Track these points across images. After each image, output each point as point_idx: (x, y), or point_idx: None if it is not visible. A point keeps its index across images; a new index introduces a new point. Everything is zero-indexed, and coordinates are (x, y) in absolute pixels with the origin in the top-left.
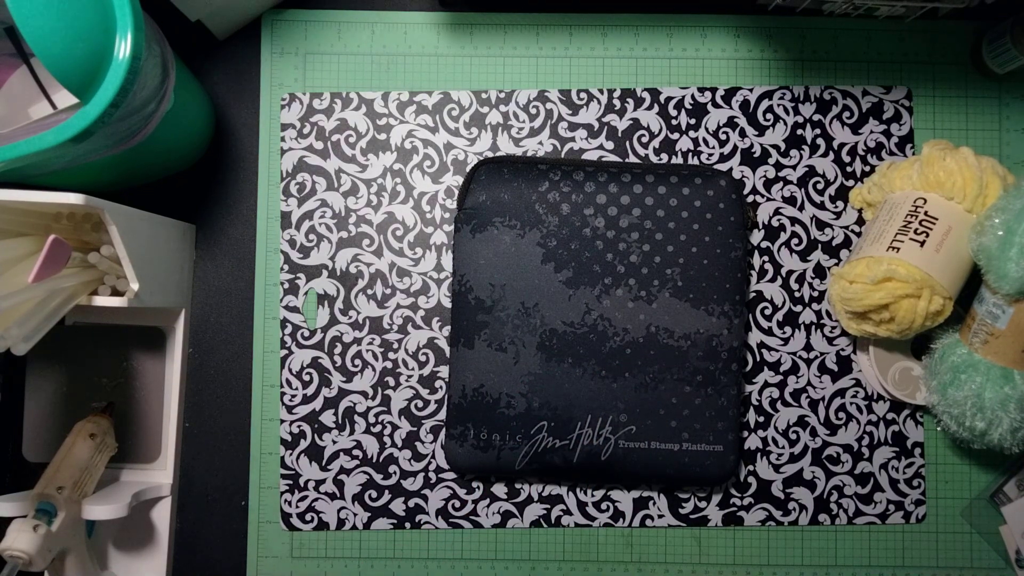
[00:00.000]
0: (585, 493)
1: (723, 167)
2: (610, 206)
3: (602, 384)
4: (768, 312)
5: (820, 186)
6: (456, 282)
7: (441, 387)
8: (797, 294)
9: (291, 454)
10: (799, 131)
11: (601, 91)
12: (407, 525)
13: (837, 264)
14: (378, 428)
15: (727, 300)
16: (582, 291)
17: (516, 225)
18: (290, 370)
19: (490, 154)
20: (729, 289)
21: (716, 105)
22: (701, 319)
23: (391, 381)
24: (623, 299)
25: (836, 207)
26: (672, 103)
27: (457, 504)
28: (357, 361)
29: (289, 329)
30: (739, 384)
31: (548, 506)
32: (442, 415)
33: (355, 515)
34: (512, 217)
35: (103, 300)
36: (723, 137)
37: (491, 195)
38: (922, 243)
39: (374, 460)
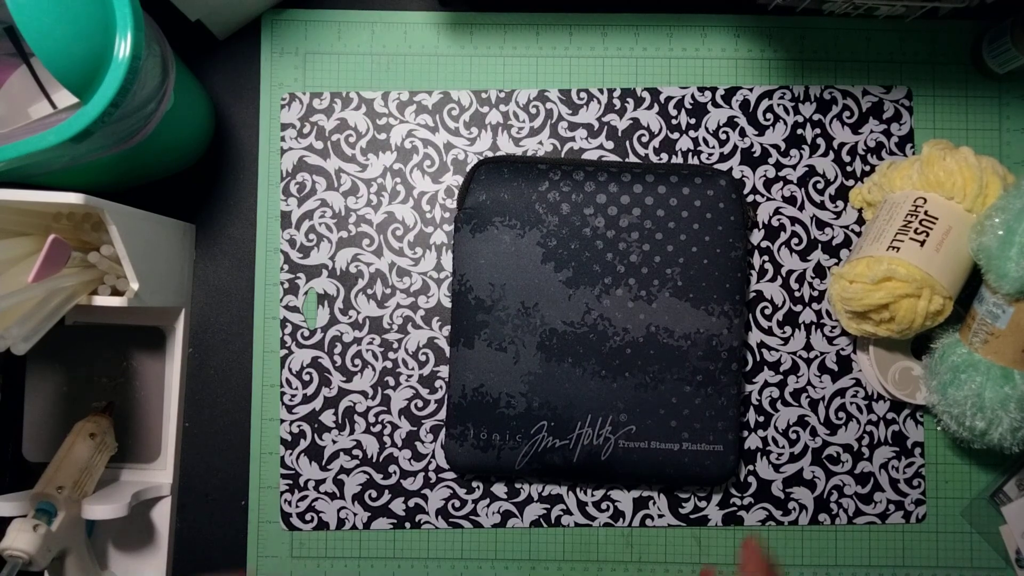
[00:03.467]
0: (585, 493)
1: (723, 167)
2: (610, 206)
3: (602, 384)
4: (768, 312)
5: (820, 186)
6: (456, 282)
7: (441, 387)
8: (797, 294)
9: (291, 454)
10: (799, 131)
11: (601, 91)
12: (407, 525)
13: (837, 264)
14: (378, 428)
15: (727, 300)
16: (582, 291)
17: (516, 225)
18: (290, 370)
19: (490, 154)
20: (729, 289)
21: (716, 105)
22: (701, 319)
23: (391, 381)
24: (623, 299)
25: (836, 207)
26: (672, 103)
27: (457, 504)
28: (357, 361)
29: (289, 329)
30: (739, 384)
31: (548, 506)
32: (442, 415)
33: (355, 515)
34: (512, 217)
35: (103, 300)
36: (723, 137)
37: (491, 195)
38: (922, 243)
39: (374, 460)
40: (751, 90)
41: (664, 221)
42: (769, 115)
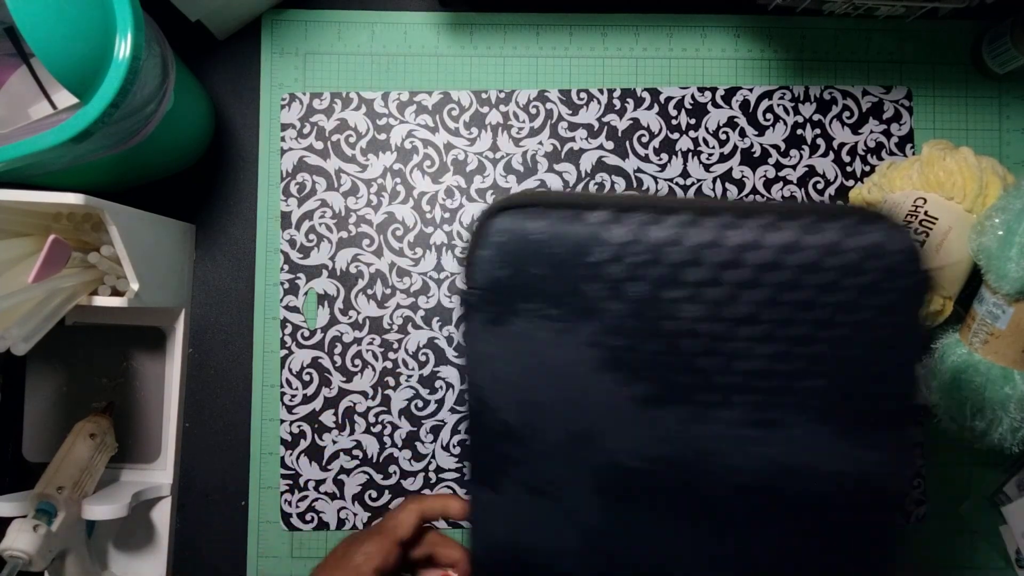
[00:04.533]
0: None
1: (723, 167)
2: (708, 279)
3: (698, 549)
4: None
5: (820, 186)
6: (471, 397)
7: (441, 387)
8: None
9: (291, 454)
10: (799, 131)
11: (601, 91)
12: None
13: None
14: (378, 428)
15: (896, 425)
16: (665, 412)
17: (555, 315)
18: (290, 370)
19: (492, 156)
20: (900, 409)
21: (716, 105)
22: (850, 455)
23: (391, 381)
24: (731, 423)
25: None
26: (672, 103)
27: None
28: (357, 361)
29: (289, 329)
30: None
31: None
32: (442, 415)
33: (355, 515)
34: (549, 302)
35: (103, 300)
36: (723, 137)
37: (515, 267)
38: (922, 243)
39: (374, 460)
40: (751, 90)
41: (790, 291)
42: (769, 115)
